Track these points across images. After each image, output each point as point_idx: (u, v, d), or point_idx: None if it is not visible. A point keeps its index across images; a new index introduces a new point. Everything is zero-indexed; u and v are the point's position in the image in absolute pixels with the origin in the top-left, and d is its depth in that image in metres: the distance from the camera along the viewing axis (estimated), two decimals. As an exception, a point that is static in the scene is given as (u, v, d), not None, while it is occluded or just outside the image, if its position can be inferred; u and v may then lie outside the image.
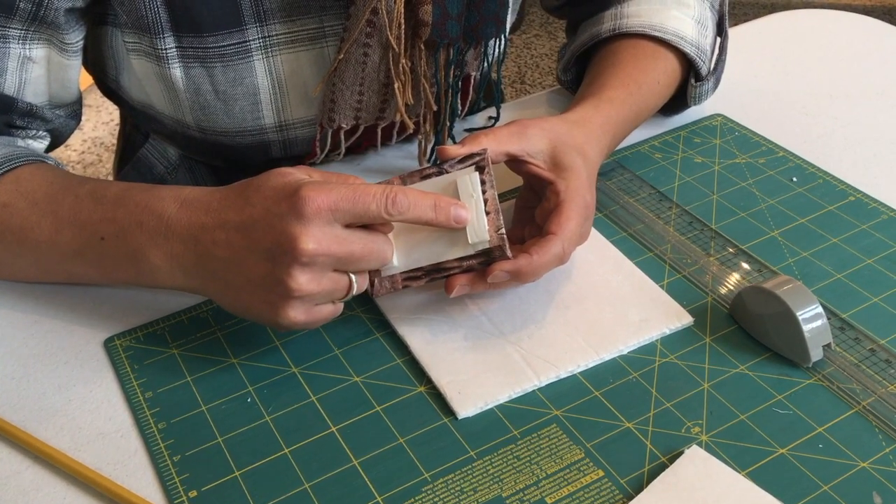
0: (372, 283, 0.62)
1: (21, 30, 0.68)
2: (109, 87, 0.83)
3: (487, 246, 0.60)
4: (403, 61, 0.73)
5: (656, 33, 0.79)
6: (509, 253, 0.60)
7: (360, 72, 0.73)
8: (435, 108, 0.77)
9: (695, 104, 0.84)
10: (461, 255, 0.61)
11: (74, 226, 0.63)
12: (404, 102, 0.75)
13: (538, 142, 0.66)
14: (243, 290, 0.58)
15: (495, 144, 0.64)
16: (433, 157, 0.82)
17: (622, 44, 0.80)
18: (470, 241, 0.60)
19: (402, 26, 0.72)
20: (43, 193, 0.65)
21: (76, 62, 0.74)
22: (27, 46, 0.69)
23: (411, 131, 0.81)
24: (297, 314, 0.57)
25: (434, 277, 0.62)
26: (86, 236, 0.63)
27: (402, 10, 0.71)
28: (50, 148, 0.77)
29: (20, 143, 0.72)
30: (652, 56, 0.79)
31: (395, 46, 0.72)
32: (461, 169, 0.62)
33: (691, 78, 0.82)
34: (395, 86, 0.74)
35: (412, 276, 0.62)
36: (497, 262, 0.60)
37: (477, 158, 0.61)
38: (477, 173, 0.61)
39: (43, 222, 0.64)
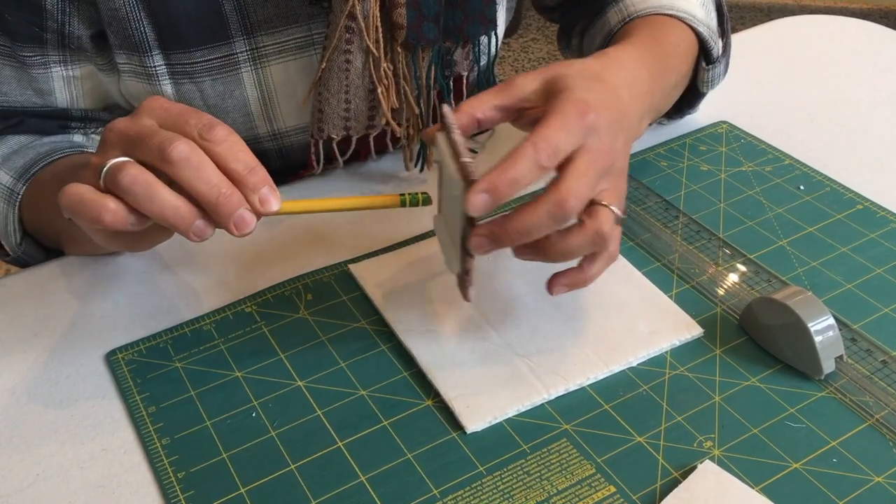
0: (466, 297, 0.59)
1: (58, 55, 0.72)
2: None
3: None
4: (385, 65, 0.73)
5: (668, 11, 0.76)
6: (475, 176, 0.54)
7: (345, 79, 0.73)
8: (417, 111, 0.77)
9: (708, 89, 0.81)
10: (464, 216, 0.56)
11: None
12: (390, 107, 0.75)
13: (529, 84, 0.59)
14: None
15: (477, 102, 0.58)
16: (419, 163, 0.81)
17: (633, 23, 0.76)
18: (452, 194, 0.57)
19: (380, 30, 0.71)
20: (56, 182, 0.69)
21: (116, 77, 0.75)
22: (69, 68, 0.74)
23: (403, 138, 0.80)
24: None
25: (467, 251, 0.57)
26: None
27: (378, 14, 0.70)
28: None
29: (76, 137, 0.78)
30: (666, 24, 0.75)
31: (374, 51, 0.72)
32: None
33: (702, 62, 0.79)
34: (379, 90, 0.73)
35: (466, 269, 0.58)
36: (471, 188, 0.54)
37: (442, 123, 0.58)
38: (443, 133, 0.57)
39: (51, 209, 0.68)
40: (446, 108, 0.58)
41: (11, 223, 0.73)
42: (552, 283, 0.60)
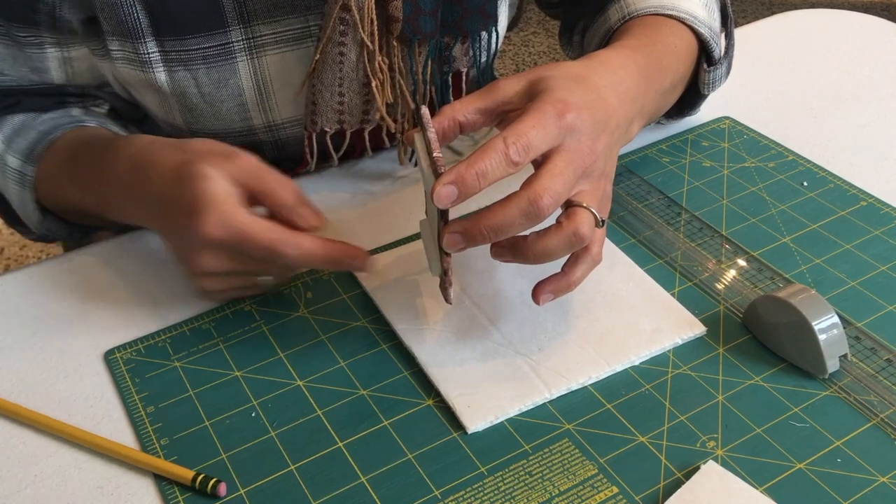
0: (447, 299, 0.60)
1: (52, 37, 0.72)
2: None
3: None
4: (379, 59, 0.72)
5: (668, 12, 0.75)
6: (442, 168, 0.54)
7: (338, 72, 0.72)
8: (413, 106, 0.76)
9: (708, 91, 0.80)
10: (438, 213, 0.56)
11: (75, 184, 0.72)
12: (384, 101, 0.74)
13: (512, 86, 0.59)
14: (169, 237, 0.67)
15: (459, 105, 0.59)
16: (413, 158, 0.80)
17: (631, 22, 0.75)
18: (427, 192, 0.56)
19: (375, 22, 0.70)
20: (66, 159, 0.73)
21: (110, 62, 0.75)
22: (64, 49, 0.74)
23: (398, 133, 0.79)
24: (203, 284, 0.65)
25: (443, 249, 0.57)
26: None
27: (374, 7, 0.70)
28: (127, 113, 0.82)
29: (74, 111, 0.79)
30: (665, 25, 0.74)
31: (368, 44, 0.71)
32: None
33: (703, 63, 0.78)
34: (373, 84, 0.73)
35: (444, 269, 0.58)
36: (437, 180, 0.54)
37: (419, 124, 0.58)
38: (420, 133, 0.58)
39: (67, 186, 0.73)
40: (423, 109, 0.58)
41: (29, 203, 0.75)
42: (537, 292, 0.59)
